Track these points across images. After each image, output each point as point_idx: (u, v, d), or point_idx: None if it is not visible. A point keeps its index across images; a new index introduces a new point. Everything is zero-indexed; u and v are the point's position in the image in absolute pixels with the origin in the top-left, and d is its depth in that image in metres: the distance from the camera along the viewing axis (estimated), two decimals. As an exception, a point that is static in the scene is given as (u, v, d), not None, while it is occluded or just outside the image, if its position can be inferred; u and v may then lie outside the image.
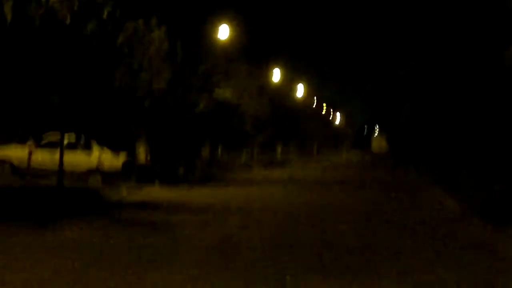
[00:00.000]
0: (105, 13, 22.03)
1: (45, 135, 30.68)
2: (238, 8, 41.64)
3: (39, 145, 30.60)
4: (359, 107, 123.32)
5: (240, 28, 42.24)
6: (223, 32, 39.76)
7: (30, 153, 29.95)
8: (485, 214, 20.28)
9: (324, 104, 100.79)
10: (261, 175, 42.05)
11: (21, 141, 31.29)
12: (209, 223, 17.83)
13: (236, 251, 13.66)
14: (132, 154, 33.04)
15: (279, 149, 70.99)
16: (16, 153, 30.52)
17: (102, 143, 31.36)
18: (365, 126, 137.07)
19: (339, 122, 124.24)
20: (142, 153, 33.98)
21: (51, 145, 29.80)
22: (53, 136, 29.83)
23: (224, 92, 39.75)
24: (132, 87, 26.98)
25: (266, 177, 40.52)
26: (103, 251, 13.26)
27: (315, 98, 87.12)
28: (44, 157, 29.72)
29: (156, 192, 26.53)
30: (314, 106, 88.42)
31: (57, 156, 24.57)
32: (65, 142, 28.58)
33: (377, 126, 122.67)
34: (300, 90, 71.69)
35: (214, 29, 38.97)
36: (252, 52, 48.01)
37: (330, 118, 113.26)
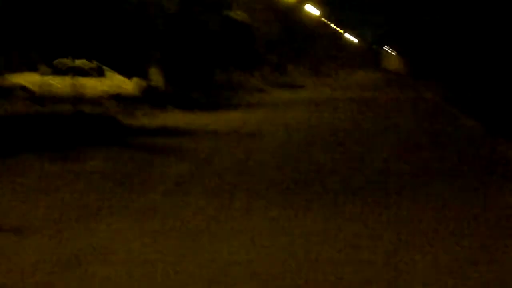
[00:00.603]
0: None
1: (56, 61, 30.29)
2: None
3: (52, 71, 30.27)
4: (373, 25, 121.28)
5: None
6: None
7: (44, 80, 29.67)
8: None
9: (337, 24, 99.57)
10: (275, 97, 41.66)
11: (33, 68, 30.95)
12: (224, 148, 17.57)
13: (253, 173, 13.46)
14: (146, 79, 32.68)
15: (290, 70, 70.36)
16: (29, 79, 30.21)
17: (115, 68, 31.00)
18: (376, 46, 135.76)
19: (353, 42, 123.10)
20: (157, 78, 33.56)
21: (64, 72, 29.49)
22: (66, 61, 29.47)
23: (236, 11, 39.16)
24: (142, 7, 26.47)
25: (280, 98, 40.12)
26: (125, 176, 13.09)
27: (327, 18, 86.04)
28: (58, 83, 29.42)
29: (172, 118, 26.23)
30: (326, 26, 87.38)
31: (70, 81, 24.30)
32: (78, 67, 28.32)
33: (391, 45, 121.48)
34: (313, 9, 70.71)
35: None
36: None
37: (343, 38, 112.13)
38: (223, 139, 19.36)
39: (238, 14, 40.08)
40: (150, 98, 30.51)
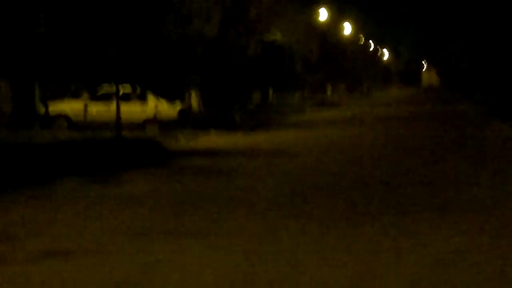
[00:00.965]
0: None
1: (99, 87, 30.62)
2: None
3: (93, 97, 30.62)
4: (407, 43, 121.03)
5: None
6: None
7: (85, 106, 30.02)
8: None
9: (371, 41, 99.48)
10: (314, 117, 41.70)
11: (75, 95, 31.34)
12: (272, 169, 17.59)
13: (303, 197, 13.45)
14: (186, 103, 32.89)
15: (329, 89, 70.41)
16: (71, 107, 30.58)
17: (157, 93, 31.21)
18: (414, 61, 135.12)
19: (387, 59, 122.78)
20: (195, 102, 33.81)
21: (105, 98, 29.78)
22: (107, 88, 29.76)
23: (274, 35, 39.33)
24: (183, 34, 26.72)
25: (319, 118, 40.17)
26: (172, 199, 13.16)
27: (362, 35, 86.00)
28: (99, 110, 29.76)
29: (212, 139, 26.39)
30: (361, 44, 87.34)
31: (112, 107, 24.50)
32: (120, 93, 28.54)
33: (425, 61, 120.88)
34: (347, 28, 70.76)
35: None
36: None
37: (378, 55, 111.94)
38: (264, 158, 19.42)
39: (276, 37, 40.25)
40: (191, 120, 30.72)
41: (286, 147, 22.94)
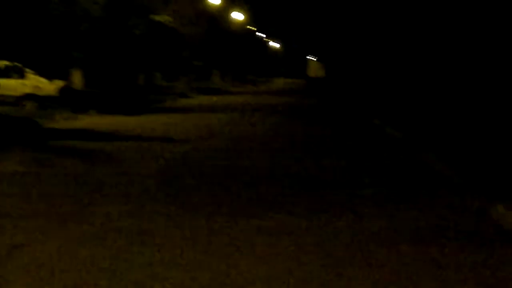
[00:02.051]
0: None
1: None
2: None
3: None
4: (295, 36, 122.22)
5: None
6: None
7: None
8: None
9: (261, 33, 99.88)
10: (198, 102, 41.56)
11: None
12: (147, 152, 17.29)
13: (176, 181, 13.24)
14: (68, 81, 32.17)
15: (216, 76, 70.30)
16: None
17: (36, 69, 30.44)
18: (299, 54, 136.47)
19: (276, 49, 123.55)
20: (78, 80, 33.09)
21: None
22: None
23: (162, 16, 38.86)
24: (68, 11, 26.06)
25: (202, 104, 40.05)
26: (41, 181, 12.72)
27: (252, 26, 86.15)
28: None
29: (93, 121, 25.89)
30: (251, 33, 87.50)
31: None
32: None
33: (312, 55, 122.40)
34: (238, 16, 70.67)
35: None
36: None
37: (267, 45, 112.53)
38: (143, 144, 19.09)
39: (164, 19, 39.80)
40: (71, 100, 30.03)
41: (165, 132, 22.65)
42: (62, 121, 25.09)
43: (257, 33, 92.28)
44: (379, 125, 27.06)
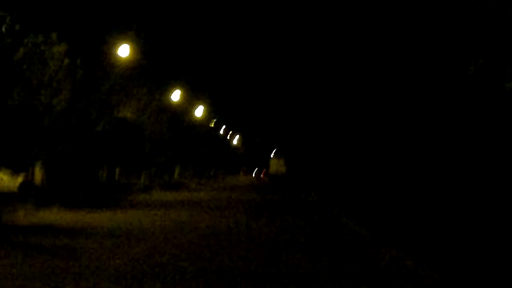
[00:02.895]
0: (3, 27, 21.04)
1: None
2: (139, 27, 40.92)
3: None
4: (256, 129, 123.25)
5: (141, 48, 41.54)
6: (124, 51, 38.84)
7: None
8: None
9: (223, 126, 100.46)
10: (160, 198, 41.26)
11: None
12: (113, 249, 16.92)
13: (142, 278, 12.87)
14: (30, 175, 31.79)
15: (177, 171, 70.09)
16: None
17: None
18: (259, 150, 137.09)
19: (237, 143, 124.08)
20: (40, 174, 32.68)
21: None
22: None
23: (124, 111, 38.83)
24: (31, 105, 25.89)
25: (164, 200, 39.79)
26: (7, 278, 12.31)
27: (213, 119, 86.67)
28: None
29: (55, 216, 25.43)
30: (212, 127, 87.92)
31: None
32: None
33: (274, 149, 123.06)
34: (199, 111, 71.04)
35: (114, 48, 38.03)
36: (153, 72, 47.28)
37: (228, 139, 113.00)
38: (104, 239, 18.72)
39: (126, 114, 39.81)
40: (34, 194, 29.60)
41: (128, 228, 22.28)
42: (22, 217, 24.56)
43: (219, 125, 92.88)
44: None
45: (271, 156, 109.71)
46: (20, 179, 30.28)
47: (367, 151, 39.03)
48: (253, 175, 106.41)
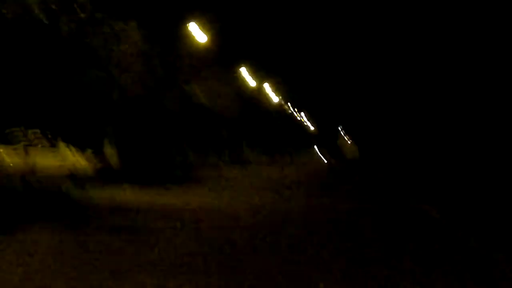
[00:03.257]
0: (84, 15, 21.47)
1: (8, 131, 29.69)
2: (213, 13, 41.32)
3: (2, 141, 29.71)
4: (324, 107, 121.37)
5: (214, 32, 41.94)
6: (200, 37, 39.53)
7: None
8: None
9: (291, 105, 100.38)
10: (230, 176, 41.52)
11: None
12: (185, 229, 17.18)
13: (213, 257, 13.06)
14: (100, 152, 32.23)
15: (247, 150, 70.46)
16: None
17: (69, 140, 30.56)
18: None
19: (306, 122, 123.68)
20: (110, 152, 33.09)
21: (14, 142, 28.85)
22: (16, 132, 28.91)
23: (197, 93, 39.34)
24: (105, 85, 26.35)
25: (235, 178, 40.08)
26: (80, 257, 12.68)
27: (283, 98, 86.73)
28: (8, 154, 28.88)
29: (129, 195, 25.76)
30: (282, 107, 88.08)
31: (22, 153, 23.75)
32: (31, 138, 27.81)
33: (341, 127, 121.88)
34: (269, 91, 71.33)
35: (191, 35, 38.60)
36: (225, 55, 47.69)
37: (298, 118, 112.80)
38: (177, 219, 18.93)
39: (199, 94, 40.31)
40: (104, 174, 30.09)
41: (197, 206, 22.43)
42: (94, 195, 24.84)
43: (290, 108, 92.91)
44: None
45: (344, 138, 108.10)
46: (91, 155, 30.77)
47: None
48: (323, 157, 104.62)
